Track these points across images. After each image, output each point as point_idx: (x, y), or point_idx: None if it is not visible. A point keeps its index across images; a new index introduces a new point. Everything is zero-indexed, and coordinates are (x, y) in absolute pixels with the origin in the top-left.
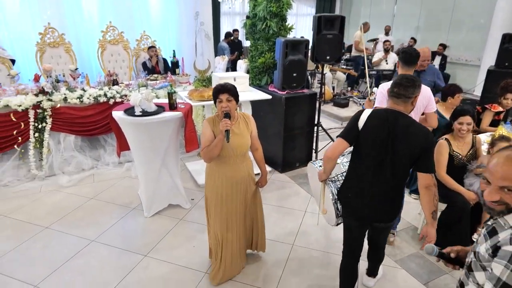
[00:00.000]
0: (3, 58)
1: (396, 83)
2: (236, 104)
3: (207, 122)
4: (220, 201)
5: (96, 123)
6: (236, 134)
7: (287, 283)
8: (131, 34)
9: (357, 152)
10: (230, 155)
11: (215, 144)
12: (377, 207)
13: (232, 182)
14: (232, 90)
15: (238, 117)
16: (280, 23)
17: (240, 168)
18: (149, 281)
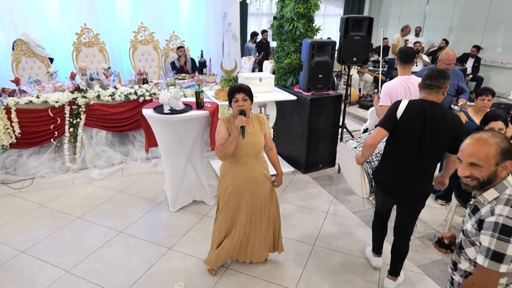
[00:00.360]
0: (42, 57)
1: (427, 76)
2: (251, 104)
3: (222, 121)
4: (232, 198)
5: (126, 119)
6: (250, 134)
7: (307, 283)
8: (161, 35)
9: (395, 138)
10: (244, 154)
11: (230, 140)
12: (410, 188)
13: (245, 181)
14: (247, 90)
15: (253, 118)
16: (307, 24)
17: (254, 167)
18: (173, 273)
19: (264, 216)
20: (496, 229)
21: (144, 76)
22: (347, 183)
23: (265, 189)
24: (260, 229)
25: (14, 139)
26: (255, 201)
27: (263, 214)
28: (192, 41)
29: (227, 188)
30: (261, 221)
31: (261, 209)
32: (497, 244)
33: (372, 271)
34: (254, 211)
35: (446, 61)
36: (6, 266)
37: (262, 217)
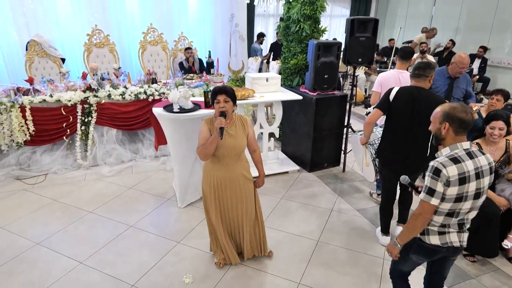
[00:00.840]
0: (55, 57)
1: (416, 67)
2: (233, 106)
3: (204, 121)
4: (215, 198)
5: (136, 118)
6: (231, 136)
7: (312, 276)
8: (170, 35)
9: (391, 118)
10: (225, 155)
11: (210, 141)
12: (407, 162)
13: (226, 181)
14: (229, 92)
15: (236, 119)
16: (313, 26)
17: (234, 168)
18: (182, 265)
19: (246, 216)
20: (431, 170)
21: (153, 76)
22: (352, 181)
23: (246, 189)
24: (245, 229)
25: (28, 137)
26: (235, 201)
27: (244, 214)
28: (200, 41)
29: (212, 187)
30: (243, 221)
31: (242, 209)
32: (431, 182)
33: (375, 267)
34: (235, 211)
35: (460, 65)
36: (22, 256)
37: (243, 217)
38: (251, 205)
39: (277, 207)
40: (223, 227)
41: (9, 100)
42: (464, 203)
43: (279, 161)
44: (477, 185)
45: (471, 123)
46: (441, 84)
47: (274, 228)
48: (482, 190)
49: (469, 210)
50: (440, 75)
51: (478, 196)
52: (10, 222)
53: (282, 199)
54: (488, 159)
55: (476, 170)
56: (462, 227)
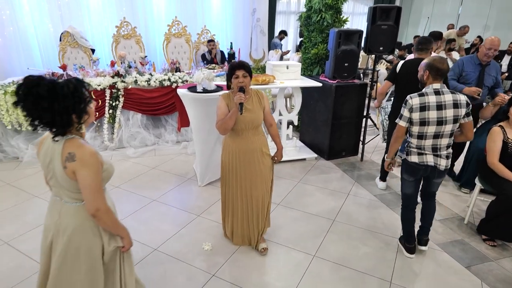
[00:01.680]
0: (85, 48)
1: (419, 41)
2: (250, 81)
3: (222, 97)
4: (233, 170)
5: (160, 104)
6: (249, 110)
7: (326, 249)
8: (193, 28)
9: (398, 86)
10: (243, 129)
11: (229, 116)
12: None
13: (244, 153)
14: (247, 67)
15: (252, 94)
16: (334, 15)
17: (252, 140)
18: (201, 235)
19: (263, 191)
20: (404, 101)
21: (177, 65)
22: (370, 169)
23: (263, 163)
24: (263, 204)
25: None
26: (254, 174)
27: (262, 187)
28: (222, 35)
29: (227, 160)
30: (263, 196)
31: (257, 182)
32: (402, 109)
33: (390, 244)
34: (254, 181)
35: (487, 45)
36: None
37: (261, 191)
38: (266, 179)
39: (294, 189)
40: (243, 206)
41: None
42: (428, 127)
43: (296, 149)
44: (438, 114)
45: (445, 72)
46: (471, 71)
47: (291, 208)
48: (444, 119)
49: (436, 136)
50: (470, 61)
51: (441, 123)
52: (45, 192)
53: (299, 182)
54: (455, 97)
55: (438, 103)
56: (436, 151)
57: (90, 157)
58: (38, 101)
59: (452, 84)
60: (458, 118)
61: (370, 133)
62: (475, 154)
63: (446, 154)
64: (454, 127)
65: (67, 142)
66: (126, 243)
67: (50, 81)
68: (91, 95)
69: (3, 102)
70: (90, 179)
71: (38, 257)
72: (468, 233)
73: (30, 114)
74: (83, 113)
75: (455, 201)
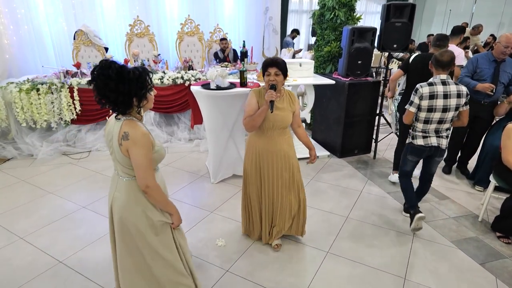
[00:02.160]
0: (99, 46)
1: (436, 38)
2: (283, 79)
3: (253, 92)
4: (256, 171)
5: (173, 102)
6: (279, 109)
7: (340, 247)
8: (206, 27)
9: (410, 77)
10: (270, 128)
11: (258, 113)
12: None
13: (269, 153)
14: (281, 64)
15: (284, 94)
16: (348, 13)
17: (278, 141)
18: (215, 231)
19: (286, 192)
20: (414, 90)
21: (189, 63)
22: (383, 167)
23: (288, 165)
24: (282, 204)
25: (75, 116)
26: (276, 174)
27: (285, 189)
28: (234, 33)
29: (251, 159)
30: (283, 196)
31: (283, 184)
32: (412, 96)
33: (403, 242)
34: (275, 184)
35: (503, 43)
36: (70, 217)
37: (283, 192)
38: (290, 182)
39: (306, 187)
40: (262, 204)
41: (60, 81)
42: (434, 113)
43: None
44: (444, 102)
45: (444, 63)
46: (485, 68)
47: None
48: (449, 106)
49: (440, 121)
50: (484, 58)
51: (446, 110)
52: (59, 189)
53: (312, 180)
54: (458, 88)
55: (445, 92)
56: (438, 133)
57: (142, 137)
58: (107, 81)
59: (466, 81)
60: (459, 106)
61: (383, 131)
62: (490, 151)
63: (446, 135)
64: (455, 114)
65: (126, 122)
66: (175, 219)
67: (120, 65)
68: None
69: (18, 100)
70: (141, 157)
71: (53, 252)
72: (482, 230)
73: (99, 93)
74: (143, 98)
75: (469, 198)
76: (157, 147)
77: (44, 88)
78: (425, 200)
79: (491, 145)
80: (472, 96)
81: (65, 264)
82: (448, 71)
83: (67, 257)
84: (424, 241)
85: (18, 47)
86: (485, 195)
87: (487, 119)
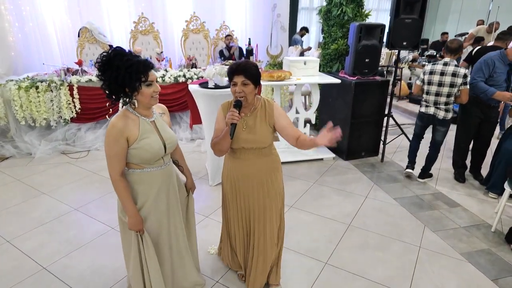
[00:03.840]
0: (103, 44)
1: (501, 32)
2: (254, 89)
3: (221, 107)
4: (232, 196)
5: (174, 101)
6: (250, 128)
7: (339, 257)
8: (212, 24)
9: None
10: (241, 150)
11: (222, 136)
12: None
13: (245, 178)
14: (249, 70)
15: (259, 106)
16: (356, 9)
17: (256, 163)
18: (208, 237)
19: (263, 226)
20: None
21: (193, 61)
22: (390, 171)
23: (268, 193)
24: (258, 241)
25: (74, 114)
26: (249, 203)
27: (260, 222)
28: (241, 31)
29: (225, 184)
30: (257, 231)
31: (260, 217)
32: (420, 73)
33: (409, 253)
34: (248, 214)
35: None
36: (61, 219)
37: (259, 226)
38: (270, 214)
39: (309, 191)
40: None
41: (60, 79)
42: (431, 86)
43: (314, 148)
44: (440, 78)
45: (453, 49)
46: (501, 73)
47: (305, 210)
48: (443, 82)
49: (437, 94)
50: (499, 61)
51: (440, 85)
52: (53, 190)
53: (315, 183)
54: (455, 70)
55: (442, 71)
56: (436, 104)
57: (110, 128)
58: (101, 66)
59: (483, 87)
60: (454, 84)
61: (392, 133)
62: (505, 156)
63: (445, 108)
64: (451, 90)
65: (121, 111)
66: (129, 223)
67: (116, 53)
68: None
69: (17, 98)
70: (106, 147)
71: (38, 257)
72: (496, 242)
73: (100, 79)
74: (134, 90)
75: (481, 207)
76: (142, 144)
77: (44, 86)
78: (434, 207)
79: (507, 149)
80: (481, 100)
81: (48, 271)
82: (455, 56)
83: (51, 262)
84: (432, 252)
85: (23, 44)
86: (500, 203)
87: (495, 121)
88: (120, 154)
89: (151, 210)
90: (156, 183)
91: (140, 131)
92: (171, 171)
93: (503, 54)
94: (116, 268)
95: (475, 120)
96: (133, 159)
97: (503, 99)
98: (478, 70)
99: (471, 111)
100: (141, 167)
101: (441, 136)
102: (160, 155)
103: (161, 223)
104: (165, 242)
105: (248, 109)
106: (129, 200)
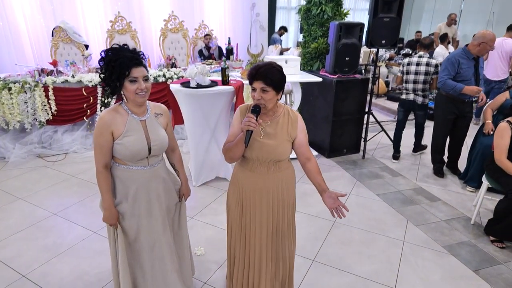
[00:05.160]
0: (79, 44)
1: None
2: (276, 95)
3: (239, 110)
4: (240, 211)
5: (154, 101)
6: (269, 136)
7: (326, 254)
8: (191, 24)
9: None
10: (254, 160)
11: (235, 142)
12: None
13: (257, 193)
14: (269, 76)
15: (281, 114)
16: (335, 8)
17: (269, 178)
18: (194, 239)
19: (272, 247)
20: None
21: (172, 61)
22: (372, 168)
23: (279, 212)
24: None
25: (50, 116)
26: (260, 222)
27: (270, 243)
28: (221, 30)
29: (232, 198)
30: (266, 253)
31: (268, 238)
32: (400, 66)
33: (393, 247)
34: (267, 233)
35: (490, 43)
36: (39, 225)
37: (268, 247)
38: (282, 235)
39: None
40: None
41: (34, 80)
42: (409, 75)
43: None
44: (416, 68)
45: (425, 45)
46: (467, 68)
47: None
48: (418, 71)
49: (414, 81)
50: (463, 57)
51: (417, 73)
52: (30, 195)
53: (298, 182)
54: (428, 61)
55: (418, 62)
56: (415, 92)
57: (98, 119)
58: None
59: (451, 84)
60: (428, 72)
61: (372, 130)
62: (481, 150)
63: (422, 94)
64: (426, 77)
65: (115, 105)
66: (103, 216)
67: (112, 48)
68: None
69: None
70: (93, 137)
71: (16, 265)
72: (475, 234)
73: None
74: (113, 85)
75: (460, 200)
76: (125, 141)
77: (17, 87)
78: (415, 202)
79: (482, 143)
80: (455, 96)
81: (28, 279)
82: (428, 51)
83: (31, 270)
84: (415, 246)
85: None
86: (478, 197)
87: (469, 116)
88: (103, 146)
89: (128, 208)
90: (135, 183)
91: (126, 127)
92: (156, 174)
93: (466, 51)
94: (99, 273)
95: (450, 116)
96: (116, 154)
97: (471, 93)
98: (444, 69)
99: (446, 107)
100: (125, 163)
101: (422, 118)
102: (143, 155)
103: (139, 224)
104: (143, 246)
105: (268, 116)
106: (107, 192)
